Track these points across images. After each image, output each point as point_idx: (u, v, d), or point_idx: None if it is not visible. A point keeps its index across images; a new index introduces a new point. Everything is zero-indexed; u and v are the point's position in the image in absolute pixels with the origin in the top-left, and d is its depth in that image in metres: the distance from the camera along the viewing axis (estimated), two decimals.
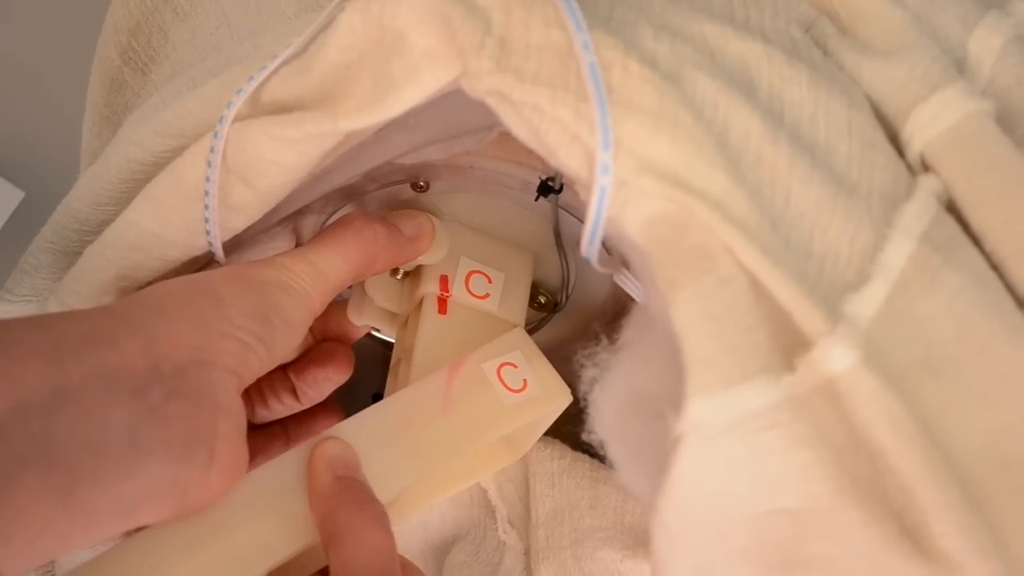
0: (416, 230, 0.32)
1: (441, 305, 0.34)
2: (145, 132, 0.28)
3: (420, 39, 0.22)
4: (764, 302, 0.21)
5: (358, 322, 0.35)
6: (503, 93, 0.22)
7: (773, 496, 0.21)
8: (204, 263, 0.30)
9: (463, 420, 0.30)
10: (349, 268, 0.29)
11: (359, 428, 0.29)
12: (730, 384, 0.20)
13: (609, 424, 0.27)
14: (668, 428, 0.21)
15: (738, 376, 0.20)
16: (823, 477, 0.20)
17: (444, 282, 0.34)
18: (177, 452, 0.23)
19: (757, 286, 0.21)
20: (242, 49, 0.31)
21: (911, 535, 0.20)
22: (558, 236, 0.35)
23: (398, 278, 0.35)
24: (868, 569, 0.21)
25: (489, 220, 0.36)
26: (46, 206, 0.32)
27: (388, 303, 0.35)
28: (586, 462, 0.39)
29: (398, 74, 0.22)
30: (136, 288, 0.29)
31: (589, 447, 0.29)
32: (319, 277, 0.28)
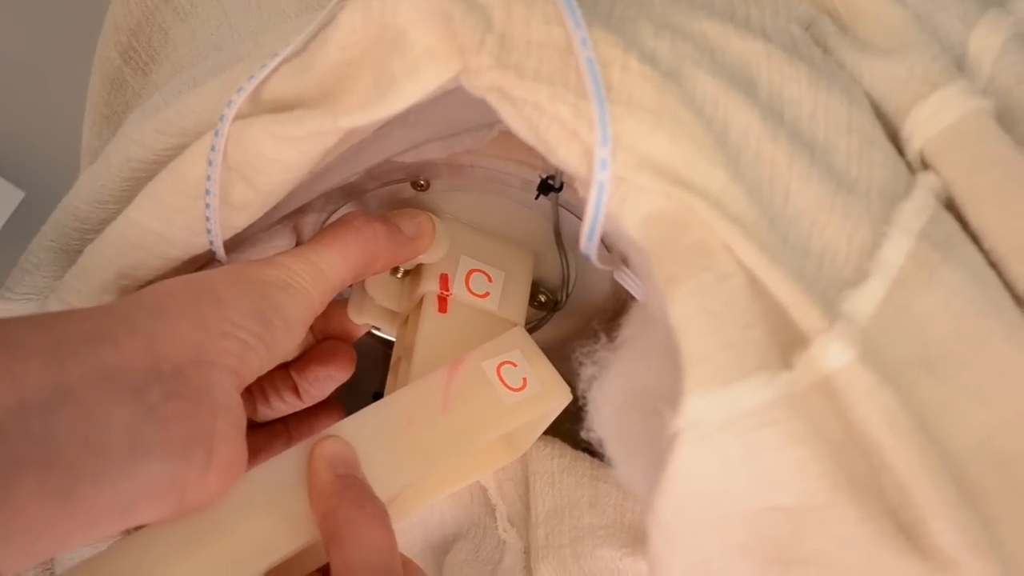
0: (416, 229, 0.32)
1: (441, 304, 0.34)
2: (146, 130, 0.28)
3: (421, 36, 0.22)
4: (762, 299, 0.21)
5: (358, 321, 0.35)
6: (503, 90, 0.22)
7: (770, 493, 0.21)
8: (205, 262, 0.30)
9: (463, 418, 0.30)
10: (349, 267, 0.29)
11: (359, 426, 0.29)
12: (727, 381, 0.20)
13: (607, 421, 0.27)
14: (665, 425, 0.21)
15: (735, 373, 0.20)
16: (820, 474, 0.20)
17: (444, 281, 0.34)
18: (176, 451, 0.23)
19: (755, 283, 0.21)
20: (243, 48, 0.31)
21: (907, 532, 0.20)
22: (558, 235, 0.35)
23: (398, 277, 0.35)
24: (864, 566, 0.21)
25: (489, 219, 0.36)
26: (46, 206, 0.32)
27: (388, 302, 0.35)
28: (586, 460, 0.39)
29: (399, 71, 0.22)
30: (137, 286, 0.29)
31: (589, 445, 0.29)
32: (319, 276, 0.28)
